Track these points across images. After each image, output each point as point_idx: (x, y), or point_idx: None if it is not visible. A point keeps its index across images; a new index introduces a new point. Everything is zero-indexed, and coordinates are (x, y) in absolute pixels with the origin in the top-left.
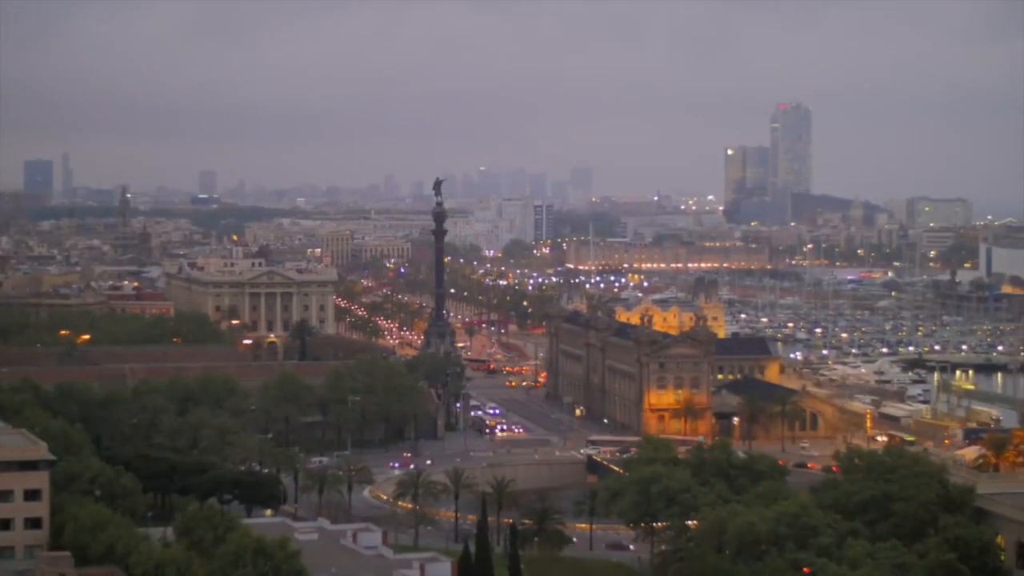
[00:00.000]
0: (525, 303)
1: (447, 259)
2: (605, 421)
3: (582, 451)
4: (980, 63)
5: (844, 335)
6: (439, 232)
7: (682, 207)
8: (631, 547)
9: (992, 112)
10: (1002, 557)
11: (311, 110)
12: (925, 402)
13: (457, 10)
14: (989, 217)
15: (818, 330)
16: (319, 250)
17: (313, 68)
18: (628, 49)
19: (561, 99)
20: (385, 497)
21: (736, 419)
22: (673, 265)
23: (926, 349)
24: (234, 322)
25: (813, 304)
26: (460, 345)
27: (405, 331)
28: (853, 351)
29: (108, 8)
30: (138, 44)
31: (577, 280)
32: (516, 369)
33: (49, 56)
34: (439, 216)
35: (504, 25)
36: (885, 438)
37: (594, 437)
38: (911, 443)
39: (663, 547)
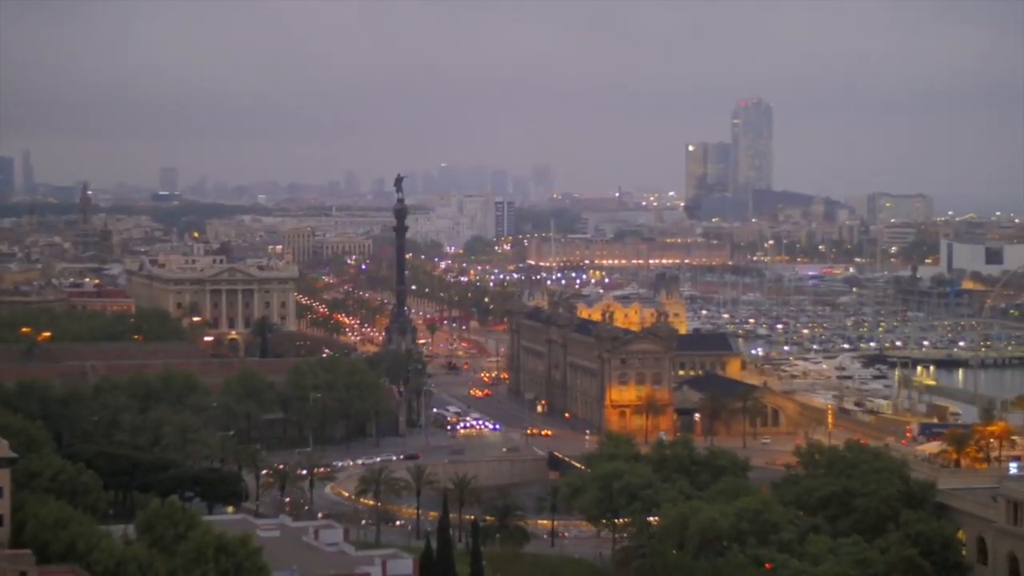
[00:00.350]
0: (486, 299)
1: (408, 256)
2: (567, 416)
3: None
4: (941, 59)
5: (805, 331)
6: (400, 229)
7: (643, 203)
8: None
9: (953, 108)
10: (963, 552)
11: (272, 107)
12: (886, 398)
13: (417, 8)
14: (950, 213)
15: (779, 326)
16: (280, 247)
17: (275, 65)
18: (589, 46)
19: (522, 96)
20: (347, 494)
21: (697, 415)
22: (634, 261)
23: (887, 345)
24: (195, 319)
25: (774, 300)
26: (421, 342)
27: (366, 328)
28: (814, 347)
29: (66, 6)
30: (98, 41)
31: (538, 276)
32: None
33: (8, 54)
34: (400, 213)
35: (464, 22)
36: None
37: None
38: None
39: (625, 543)
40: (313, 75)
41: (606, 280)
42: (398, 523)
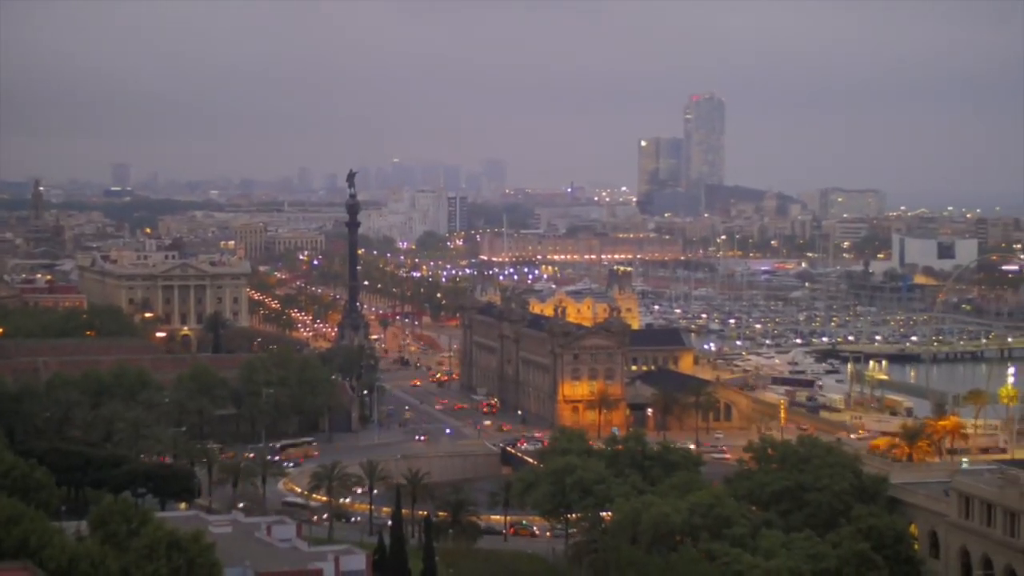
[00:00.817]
0: (439, 295)
1: (361, 251)
2: (519, 412)
3: None
4: (894, 54)
5: (758, 326)
6: (352, 224)
7: (596, 199)
8: None
9: (905, 103)
10: (915, 546)
11: (224, 103)
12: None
13: (368, 3)
14: (902, 208)
15: (732, 321)
16: (232, 242)
17: (226, 61)
18: (542, 42)
19: (475, 91)
20: (299, 490)
21: (650, 410)
22: (587, 256)
23: (840, 340)
24: (147, 315)
25: (727, 295)
26: (374, 337)
27: (319, 323)
28: (767, 342)
29: (19, 5)
30: (50, 38)
31: (491, 272)
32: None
33: None
34: (352, 208)
35: (415, 16)
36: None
37: None
38: None
39: (577, 538)
40: (264, 71)
41: (558, 275)
42: (355, 519)
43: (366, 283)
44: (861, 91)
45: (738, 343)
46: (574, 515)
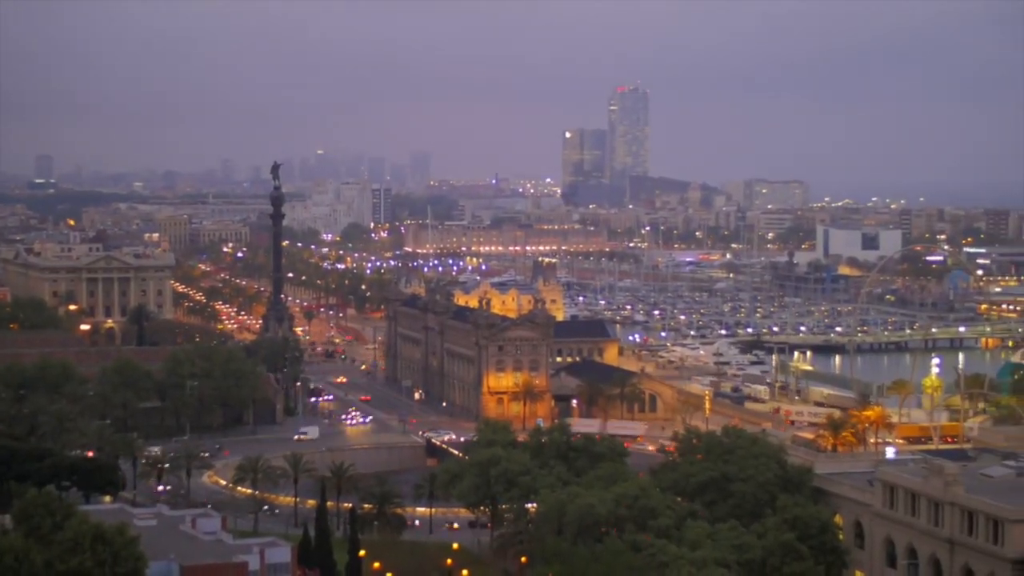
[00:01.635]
0: (363, 287)
1: (285, 243)
2: (444, 404)
3: None
4: (816, 44)
5: (682, 317)
6: (277, 216)
7: (520, 190)
8: None
9: (829, 93)
10: (840, 536)
11: (148, 94)
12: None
13: None
14: (826, 199)
15: (656, 312)
16: (157, 235)
17: (149, 51)
18: (467, 33)
19: (400, 83)
20: (224, 482)
21: (575, 401)
22: (511, 248)
23: (764, 331)
24: (71, 307)
25: (651, 286)
26: (298, 329)
27: (243, 315)
28: (691, 333)
29: None
30: None
31: (415, 264)
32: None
33: None
34: (277, 200)
35: (340, 7)
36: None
37: None
38: None
39: (503, 530)
40: (187, 62)
41: (483, 267)
42: (276, 511)
43: (290, 275)
44: (785, 82)
45: (663, 334)
46: (500, 507)
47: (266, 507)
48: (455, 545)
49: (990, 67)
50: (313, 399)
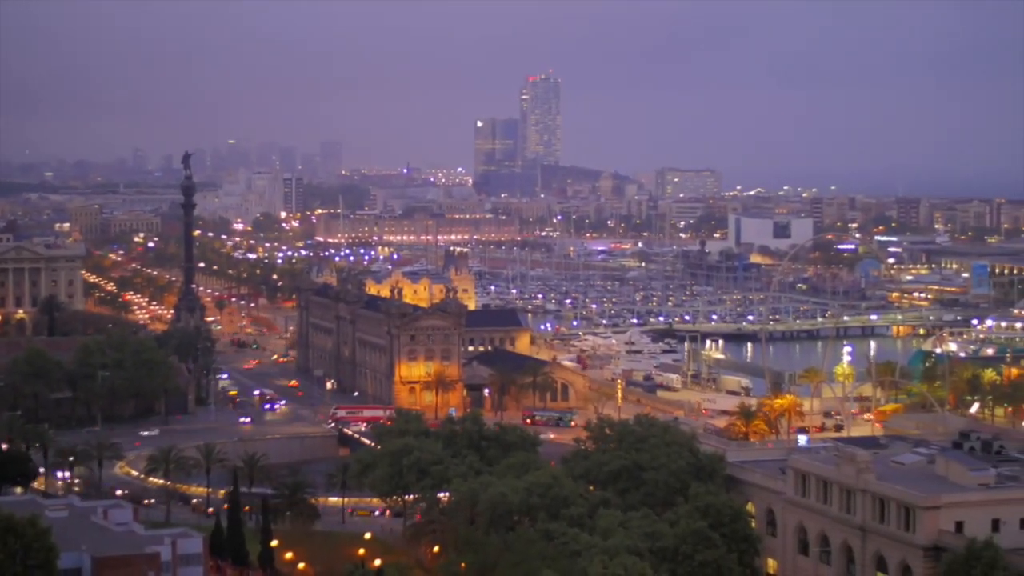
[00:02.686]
0: (275, 277)
1: (197, 233)
2: (356, 394)
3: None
4: (725, 32)
5: (594, 306)
6: (188, 206)
7: (432, 179)
8: None
9: (739, 81)
10: (752, 524)
11: (59, 83)
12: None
13: None
14: (738, 187)
15: (568, 301)
16: (67, 225)
17: (56, 40)
18: (378, 22)
19: (310, 72)
20: (136, 473)
21: (487, 390)
22: (423, 237)
23: (676, 319)
24: None
25: (563, 275)
26: (210, 319)
27: (155, 306)
28: (603, 322)
29: None
30: None
31: (327, 253)
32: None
33: None
34: (188, 190)
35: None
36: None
37: None
38: None
39: (415, 519)
40: (98, 52)
41: (395, 256)
42: (194, 501)
43: (202, 265)
44: (697, 71)
45: (574, 323)
46: (411, 496)
47: (179, 498)
48: (368, 535)
49: (897, 54)
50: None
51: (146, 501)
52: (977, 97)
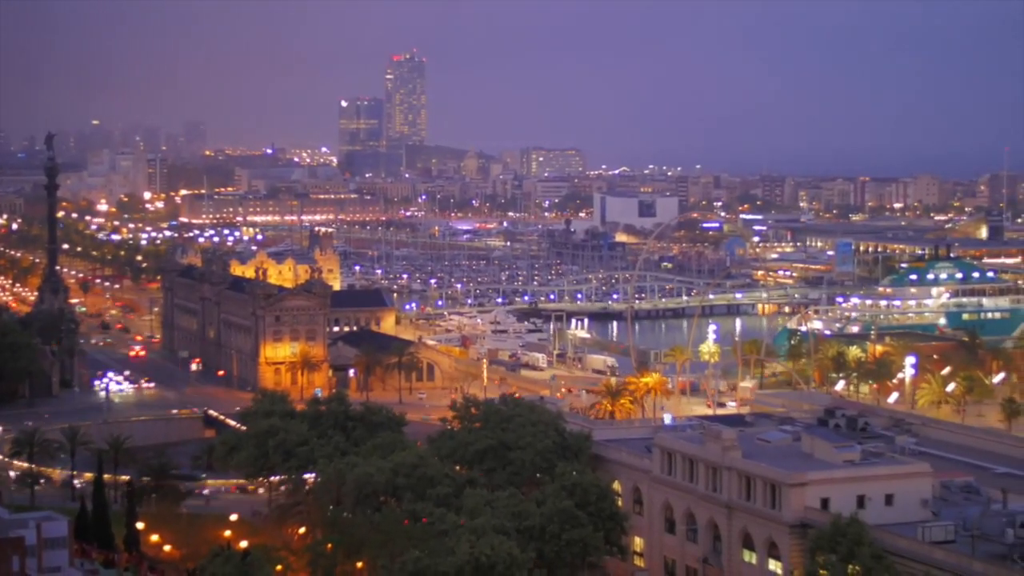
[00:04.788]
0: (140, 258)
1: (60, 214)
2: (221, 374)
3: None
4: (584, 11)
5: (459, 286)
6: (51, 187)
7: (296, 159)
8: None
9: (603, 60)
10: (619, 502)
11: None
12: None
13: None
14: (603, 166)
15: (433, 281)
16: None
17: None
18: (240, 2)
19: (174, 51)
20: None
21: (353, 371)
22: (288, 218)
23: (542, 299)
24: None
25: (428, 255)
26: (74, 301)
27: (18, 287)
28: (468, 302)
29: None
30: None
31: (191, 234)
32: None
33: None
34: (51, 171)
35: None
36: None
37: None
38: None
39: (281, 500)
40: None
41: (259, 237)
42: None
43: (66, 246)
44: (562, 50)
45: (439, 303)
46: (277, 477)
47: (43, 480)
48: (234, 516)
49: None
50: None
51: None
52: (841, 77)
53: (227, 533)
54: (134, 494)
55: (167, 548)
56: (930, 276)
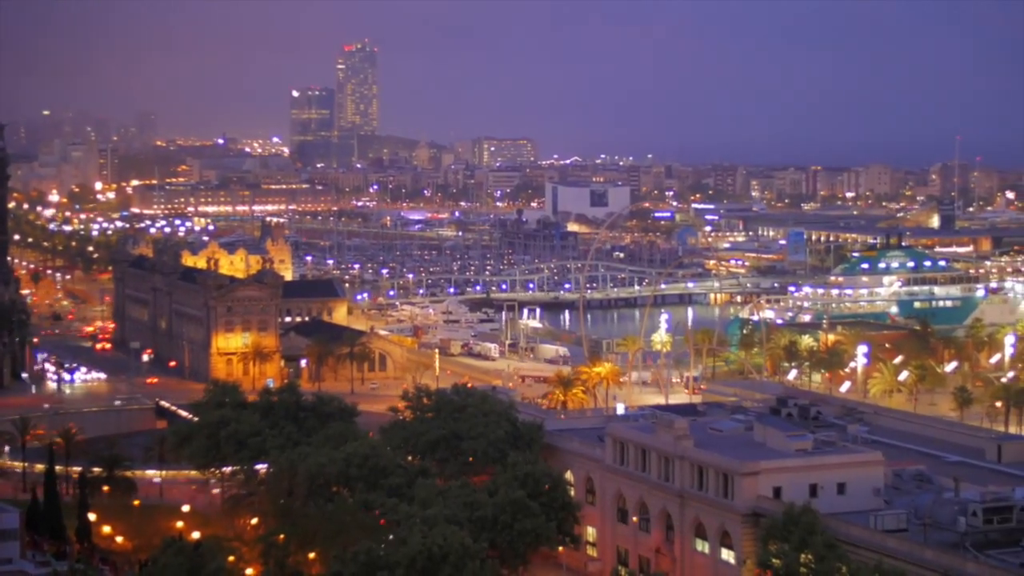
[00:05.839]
0: (91, 249)
1: (11, 205)
2: (173, 365)
3: None
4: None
5: (411, 276)
6: (2, 177)
7: (248, 149)
8: None
9: (554, 50)
10: (571, 492)
11: None
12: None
13: None
14: (555, 156)
15: (385, 271)
16: None
17: None
18: None
19: (123, 41)
20: None
21: (304, 361)
22: (239, 208)
23: (494, 289)
24: None
25: (380, 245)
26: (25, 292)
27: None
28: (420, 291)
29: None
30: None
31: (143, 224)
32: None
33: None
34: (2, 162)
35: None
36: None
37: None
38: None
39: (233, 491)
40: None
41: (211, 227)
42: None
43: (17, 237)
44: (512, 40)
45: (391, 293)
46: (229, 468)
47: None
48: (186, 507)
49: (714, 16)
50: (41, 362)
51: None
52: (791, 65)
53: (179, 524)
54: (86, 485)
55: (119, 539)
56: (882, 265)
